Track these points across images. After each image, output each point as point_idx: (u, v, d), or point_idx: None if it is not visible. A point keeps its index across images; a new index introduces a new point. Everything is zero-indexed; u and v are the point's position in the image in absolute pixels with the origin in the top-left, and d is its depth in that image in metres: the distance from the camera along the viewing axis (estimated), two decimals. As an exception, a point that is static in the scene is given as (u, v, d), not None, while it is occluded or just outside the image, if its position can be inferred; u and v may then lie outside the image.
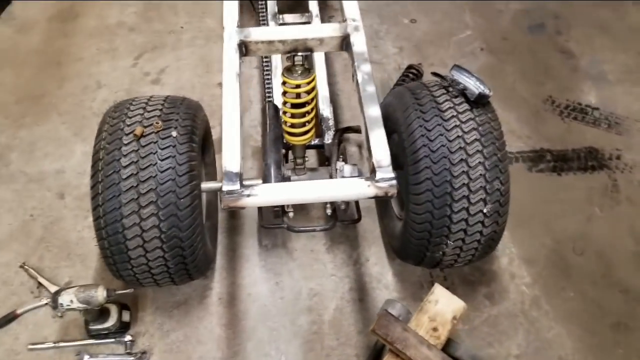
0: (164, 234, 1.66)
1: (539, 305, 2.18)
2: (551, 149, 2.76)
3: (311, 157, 2.62)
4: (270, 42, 1.78)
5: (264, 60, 2.64)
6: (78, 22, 3.38)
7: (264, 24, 2.71)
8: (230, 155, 1.62)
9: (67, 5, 3.49)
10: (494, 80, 3.10)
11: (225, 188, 1.60)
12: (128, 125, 1.73)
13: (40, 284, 2.20)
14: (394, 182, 1.54)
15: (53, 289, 2.14)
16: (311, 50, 1.83)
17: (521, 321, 2.13)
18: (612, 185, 2.60)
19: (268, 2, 2.70)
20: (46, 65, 3.12)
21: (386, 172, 1.53)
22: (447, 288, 1.79)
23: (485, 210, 1.72)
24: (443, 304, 1.79)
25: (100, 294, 1.86)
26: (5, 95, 2.95)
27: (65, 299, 1.86)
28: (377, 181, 1.52)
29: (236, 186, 1.59)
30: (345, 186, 1.55)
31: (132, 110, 1.78)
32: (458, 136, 1.72)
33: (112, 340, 2.05)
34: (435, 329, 1.74)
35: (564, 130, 2.87)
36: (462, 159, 1.69)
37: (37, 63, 3.14)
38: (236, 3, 1.94)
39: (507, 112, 2.93)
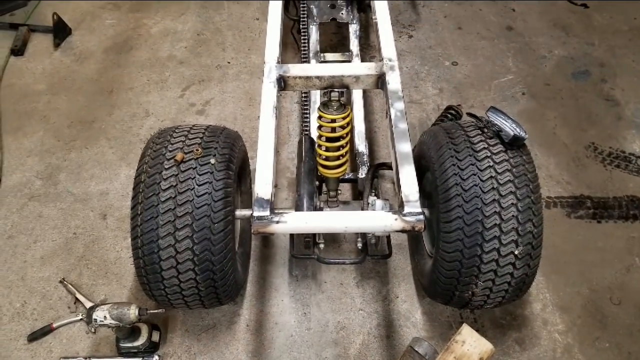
0: (196, 257, 1.71)
1: (572, 354, 2.11)
2: (591, 195, 2.72)
3: (346, 192, 2.66)
4: (308, 78, 1.85)
5: (304, 95, 2.71)
6: (132, 54, 3.56)
7: (305, 61, 2.80)
8: (263, 182, 1.67)
9: (123, 38, 3.68)
10: (535, 125, 3.09)
11: (256, 214, 1.64)
12: (170, 151, 1.80)
13: (77, 299, 2.28)
14: (422, 217, 1.55)
15: (89, 305, 2.20)
16: (347, 87, 1.89)
17: (552, 369, 2.07)
18: (653, 236, 2.53)
19: (310, 40, 2.79)
20: (99, 93, 3.28)
21: (414, 207, 1.55)
22: (477, 330, 1.77)
23: (516, 252, 1.70)
24: (470, 344, 1.76)
25: (132, 312, 1.92)
26: (60, 119, 3.11)
27: (99, 314, 1.92)
28: (404, 215, 1.54)
29: (266, 212, 1.63)
30: (373, 218, 1.58)
31: (174, 137, 1.86)
32: (491, 176, 1.72)
33: (141, 358, 2.10)
34: (460, 370, 1.71)
35: (606, 177, 2.82)
36: (494, 199, 1.69)
37: (90, 91, 3.30)
38: (278, 39, 2.03)
39: (546, 157, 2.91)
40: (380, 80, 1.90)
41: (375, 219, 1.56)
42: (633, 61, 3.52)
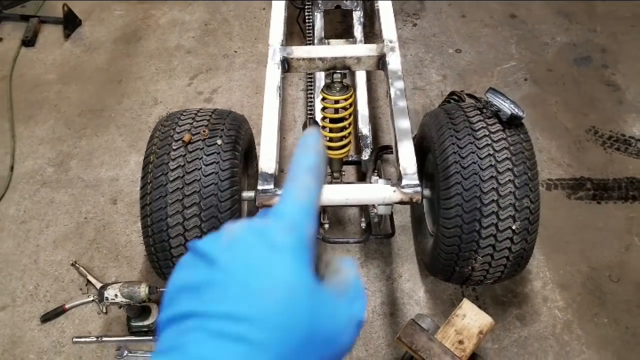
0: (204, 234, 1.77)
1: (571, 329, 2.16)
2: (592, 177, 2.76)
3: (350, 176, 2.71)
4: (311, 60, 1.90)
5: (308, 81, 2.77)
6: (140, 44, 3.62)
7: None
8: (267, 157, 1.73)
9: (132, 29, 3.74)
10: (537, 110, 3.13)
11: (260, 187, 1.70)
12: (178, 133, 1.86)
13: (88, 281, 2.35)
14: (419, 188, 1.61)
15: (100, 286, 2.28)
16: (349, 68, 1.94)
17: (551, 344, 2.12)
18: (653, 216, 2.57)
19: (315, 27, 2.84)
20: (108, 83, 3.35)
21: (411, 179, 1.60)
22: (479, 307, 1.82)
23: (514, 227, 1.75)
24: (470, 318, 1.82)
25: (143, 290, 1.98)
26: (70, 108, 3.18)
27: (110, 293, 1.99)
28: (402, 187, 1.60)
29: (270, 186, 1.70)
30: (372, 191, 1.63)
31: (182, 120, 1.92)
32: (489, 154, 1.77)
33: (151, 337, 2.16)
34: (461, 342, 1.77)
35: (606, 160, 2.86)
36: (492, 176, 1.75)
37: (100, 80, 3.37)
38: (282, 22, 2.08)
39: (548, 141, 2.95)
40: (381, 61, 1.95)
41: (375, 191, 1.62)
42: (634, 47, 3.55)
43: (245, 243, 0.48)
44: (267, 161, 1.73)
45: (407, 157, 1.64)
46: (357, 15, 2.99)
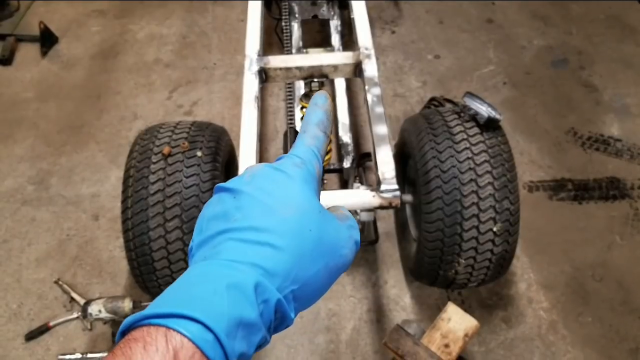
0: (186, 247, 1.75)
1: (556, 329, 2.18)
2: (572, 178, 2.79)
3: (333, 184, 2.72)
4: (288, 69, 1.91)
5: (288, 90, 2.77)
6: (118, 59, 3.61)
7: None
8: (246, 166, 1.73)
9: (109, 44, 3.73)
10: (516, 113, 3.16)
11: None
12: (157, 146, 1.85)
13: (72, 298, 2.32)
14: (398, 192, 1.62)
15: (83, 302, 2.25)
16: (326, 76, 1.95)
17: (537, 345, 2.13)
18: (633, 214, 2.60)
19: (293, 37, 2.85)
20: (87, 99, 3.33)
21: (390, 183, 1.61)
22: (465, 311, 1.82)
23: (495, 229, 1.77)
24: (455, 321, 1.82)
25: (127, 305, 1.97)
26: (49, 126, 3.16)
27: (94, 308, 1.97)
28: (381, 192, 1.60)
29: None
30: (352, 196, 1.64)
31: (161, 133, 1.91)
32: (468, 158, 1.79)
33: (137, 353, 2.14)
34: (447, 346, 1.77)
35: (586, 160, 2.89)
36: (471, 179, 1.76)
37: (78, 96, 3.35)
38: (258, 32, 2.09)
39: (528, 143, 2.98)
40: (357, 69, 1.96)
41: (355, 196, 1.62)
42: (609, 48, 3.60)
43: (264, 175, 0.59)
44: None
45: (385, 162, 1.65)
46: (335, 24, 3.00)
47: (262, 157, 2.91)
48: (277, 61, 1.92)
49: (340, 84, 2.78)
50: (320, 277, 0.57)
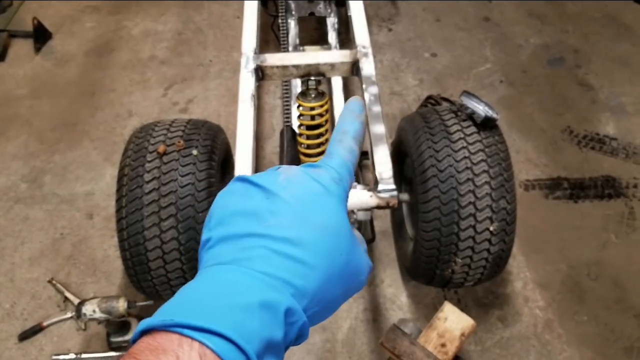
0: (182, 246, 1.74)
1: (552, 328, 2.18)
2: (568, 177, 2.79)
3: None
4: (285, 67, 1.90)
5: (284, 88, 2.76)
6: (113, 56, 3.58)
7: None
8: (243, 166, 1.72)
9: (104, 41, 3.70)
10: (513, 111, 3.16)
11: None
12: (152, 144, 1.84)
13: (66, 298, 2.30)
14: (395, 192, 1.61)
15: (77, 302, 2.24)
16: (323, 75, 1.94)
17: (533, 344, 2.13)
18: (628, 213, 2.60)
19: (289, 35, 2.84)
20: (81, 96, 3.30)
21: (387, 183, 1.60)
22: (461, 309, 1.82)
23: (491, 229, 1.76)
24: (452, 321, 1.82)
25: (121, 305, 1.95)
26: (42, 123, 3.13)
27: (88, 308, 1.95)
28: (379, 192, 1.59)
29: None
30: (349, 196, 1.62)
31: (156, 131, 1.89)
32: (465, 157, 1.78)
33: (132, 353, 2.12)
34: (443, 345, 1.76)
35: (582, 159, 2.89)
36: (468, 179, 1.75)
37: (72, 93, 3.32)
38: (255, 30, 2.07)
39: (524, 142, 2.98)
40: (355, 67, 1.95)
41: (352, 196, 1.61)
42: (606, 47, 3.61)
43: (302, 183, 0.56)
44: (243, 170, 1.71)
45: (382, 161, 1.64)
46: (331, 22, 2.99)
47: (258, 155, 2.90)
48: (273, 59, 1.91)
49: (337, 82, 2.77)
50: (339, 300, 0.57)
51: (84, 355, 2.11)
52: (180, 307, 0.48)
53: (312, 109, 1.91)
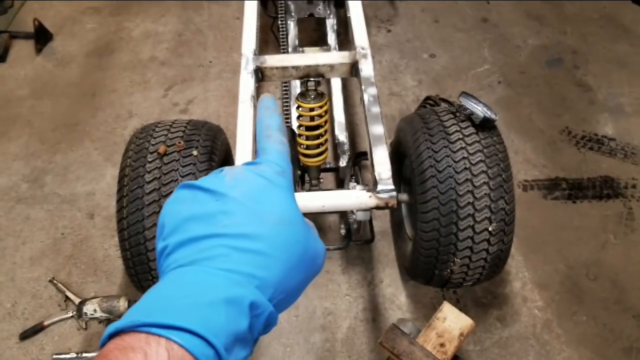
0: (182, 246, 1.75)
1: (551, 328, 2.19)
2: (567, 177, 2.80)
3: (329, 182, 2.72)
4: (284, 68, 1.91)
5: (284, 89, 2.77)
6: (113, 57, 3.59)
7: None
8: (243, 167, 1.73)
9: (104, 42, 3.71)
10: (511, 112, 3.17)
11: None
12: (153, 145, 1.85)
13: (67, 297, 2.31)
14: (394, 193, 1.62)
15: (78, 301, 2.25)
16: (323, 76, 1.95)
17: (532, 344, 2.14)
18: (627, 213, 2.61)
19: (289, 36, 2.85)
20: (82, 96, 3.32)
21: (386, 184, 1.61)
22: (460, 309, 1.83)
23: (490, 229, 1.77)
24: (451, 320, 1.83)
25: (122, 305, 1.96)
26: (43, 123, 3.14)
27: (89, 308, 1.96)
28: (378, 192, 1.60)
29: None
30: (348, 196, 1.64)
31: (157, 132, 1.91)
32: (463, 157, 1.79)
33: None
34: (442, 345, 1.78)
35: (580, 159, 2.91)
36: (467, 179, 1.76)
37: (73, 94, 3.34)
38: (255, 31, 2.08)
39: (523, 143, 2.99)
40: (354, 68, 1.96)
41: (351, 197, 1.62)
42: (604, 47, 3.62)
43: (248, 181, 0.57)
44: (243, 171, 1.72)
45: (381, 162, 1.65)
46: (331, 23, 3.00)
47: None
48: (273, 60, 1.92)
49: (336, 82, 2.79)
50: (301, 286, 0.58)
51: (84, 355, 2.12)
52: (147, 308, 0.49)
53: (312, 109, 1.92)
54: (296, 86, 2.74)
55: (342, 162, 2.37)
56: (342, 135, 2.51)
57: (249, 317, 0.50)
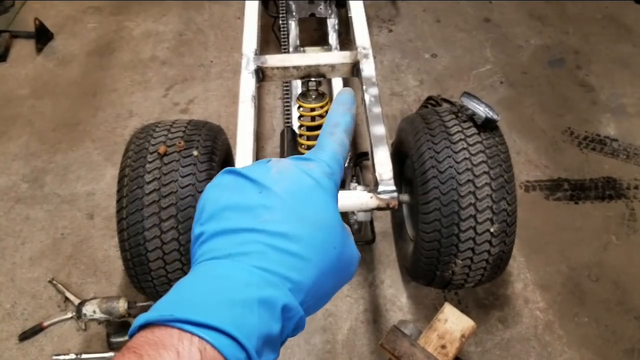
0: (182, 247, 1.74)
1: (552, 329, 2.18)
2: (569, 178, 2.79)
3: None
4: (285, 68, 1.90)
5: (285, 89, 2.76)
6: (114, 56, 3.59)
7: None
8: (243, 165, 1.72)
9: (105, 41, 3.71)
10: (513, 112, 3.16)
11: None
12: (153, 145, 1.84)
13: (66, 298, 2.30)
14: (395, 194, 1.61)
15: (78, 302, 2.24)
16: (324, 76, 1.94)
17: (534, 345, 2.13)
18: (629, 214, 2.60)
19: (290, 35, 2.84)
20: (82, 96, 3.31)
21: (387, 184, 1.60)
22: (462, 311, 1.82)
23: (492, 230, 1.76)
24: (452, 322, 1.82)
25: (121, 305, 1.95)
26: (44, 123, 3.14)
27: (88, 309, 1.95)
28: (379, 193, 1.60)
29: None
30: (349, 197, 1.63)
31: (157, 132, 1.90)
32: (465, 158, 1.78)
33: (132, 353, 2.13)
34: (443, 347, 1.77)
35: (582, 160, 2.89)
36: (469, 180, 1.75)
37: (74, 94, 3.33)
38: (256, 31, 2.08)
39: (525, 143, 2.98)
40: (355, 68, 1.95)
41: (352, 197, 1.62)
42: (606, 48, 3.61)
43: (294, 177, 0.56)
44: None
45: (382, 163, 1.64)
46: (332, 23, 2.99)
47: (258, 156, 2.90)
48: (274, 60, 1.91)
49: (337, 83, 2.77)
50: (332, 291, 0.58)
51: (84, 356, 2.11)
52: (179, 302, 0.48)
53: (313, 109, 1.92)
54: (297, 86, 2.73)
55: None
56: (343, 136, 2.50)
57: (280, 321, 0.49)
